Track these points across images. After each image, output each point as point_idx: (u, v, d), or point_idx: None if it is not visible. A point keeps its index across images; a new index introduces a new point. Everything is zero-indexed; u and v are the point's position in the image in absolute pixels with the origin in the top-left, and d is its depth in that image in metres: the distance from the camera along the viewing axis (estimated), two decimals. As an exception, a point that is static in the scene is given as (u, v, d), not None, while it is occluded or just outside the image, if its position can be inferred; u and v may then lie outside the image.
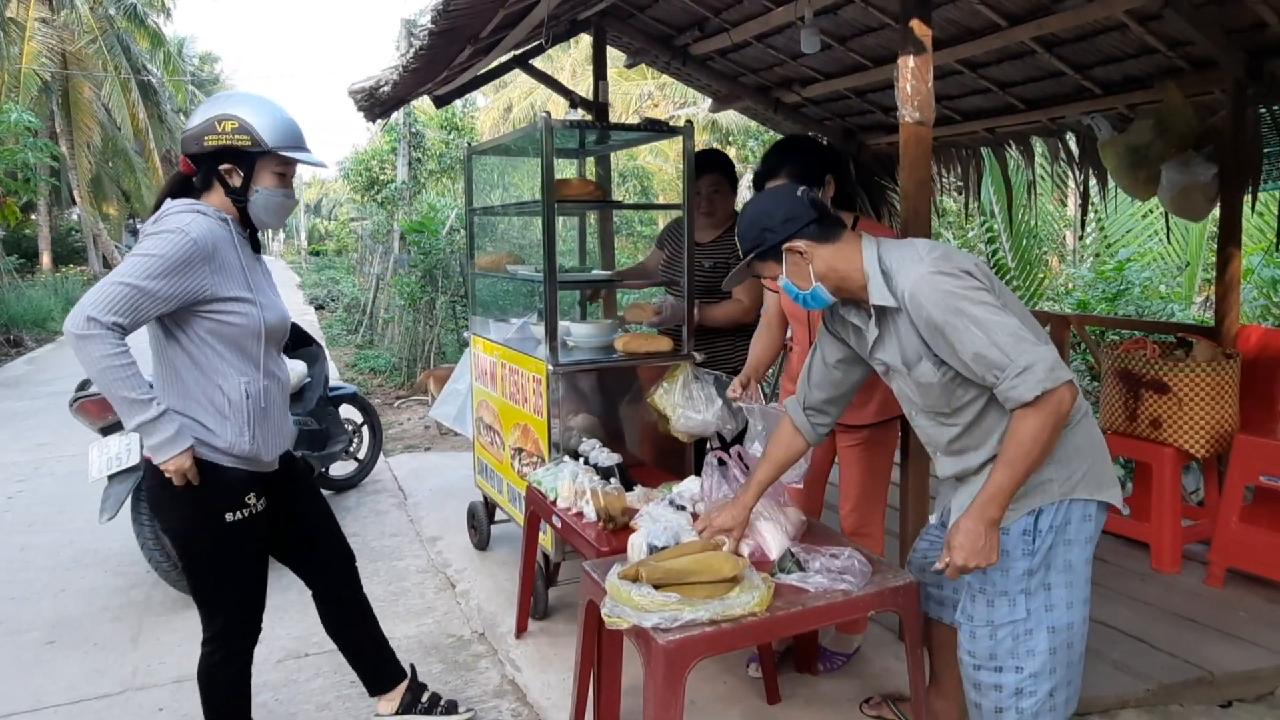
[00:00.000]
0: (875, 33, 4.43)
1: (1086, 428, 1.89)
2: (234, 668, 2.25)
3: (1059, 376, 1.71)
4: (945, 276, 1.80)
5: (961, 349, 1.78)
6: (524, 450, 3.34)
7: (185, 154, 2.11)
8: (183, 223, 1.99)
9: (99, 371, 1.90)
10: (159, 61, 23.62)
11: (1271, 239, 5.73)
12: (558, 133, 3.39)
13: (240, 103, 2.09)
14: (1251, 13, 3.33)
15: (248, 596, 2.24)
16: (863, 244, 1.97)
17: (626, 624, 1.94)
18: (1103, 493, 1.88)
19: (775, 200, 2.02)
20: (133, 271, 1.92)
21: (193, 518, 2.09)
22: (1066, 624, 1.88)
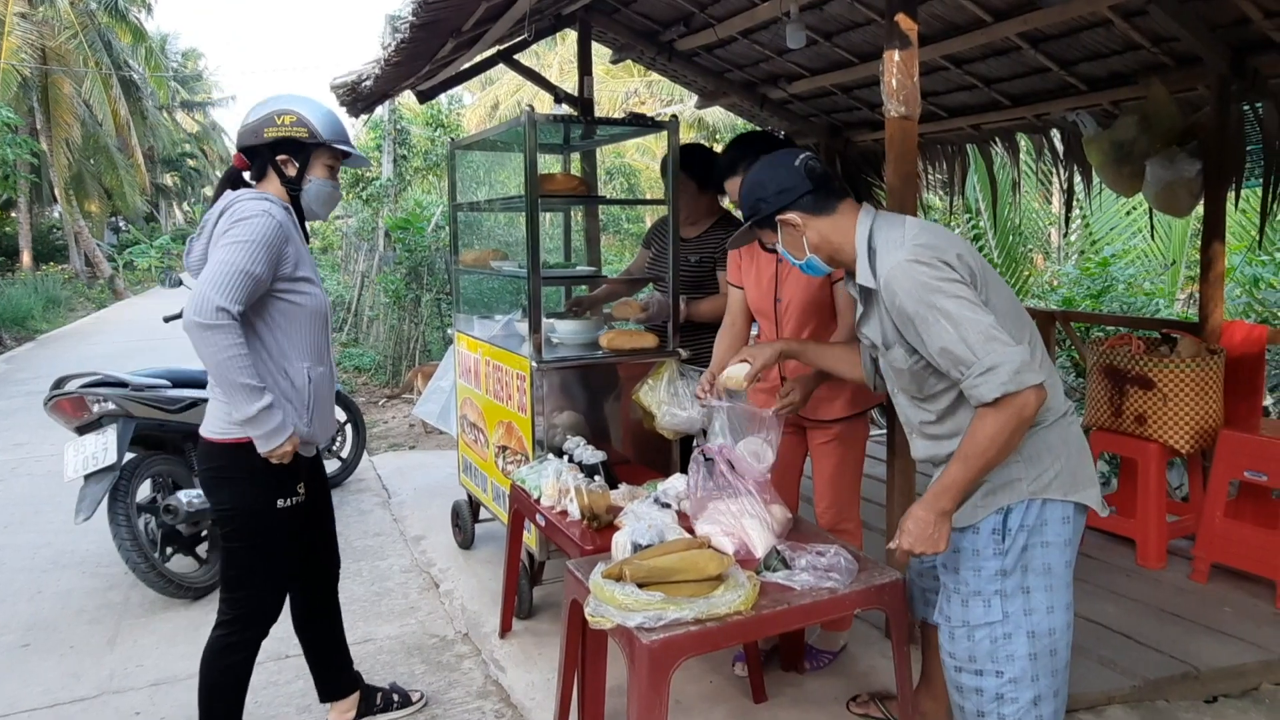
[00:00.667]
0: (861, 28, 4.42)
1: (1062, 428, 1.84)
2: (242, 654, 2.27)
3: (1024, 380, 1.66)
4: (922, 266, 1.75)
5: (930, 341, 1.75)
6: (508, 448, 3.31)
7: (240, 148, 2.21)
8: (263, 207, 2.10)
9: (224, 360, 1.98)
10: (141, 57, 23.36)
11: (1254, 236, 5.76)
12: (542, 128, 3.36)
13: (296, 100, 2.22)
14: (1235, 8, 3.34)
15: (278, 583, 2.30)
16: (860, 217, 1.93)
17: (610, 623, 1.91)
18: (1078, 494, 1.83)
19: (772, 169, 1.98)
20: (241, 259, 2.01)
21: (248, 501, 2.16)
22: (1048, 629, 1.83)
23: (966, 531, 1.85)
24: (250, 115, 2.21)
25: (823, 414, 2.71)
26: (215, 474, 2.18)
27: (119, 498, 3.30)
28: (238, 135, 2.23)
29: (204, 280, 2.00)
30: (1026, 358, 1.68)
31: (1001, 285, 1.88)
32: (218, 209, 2.14)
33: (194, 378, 3.86)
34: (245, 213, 2.08)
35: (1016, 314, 1.86)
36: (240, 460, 2.12)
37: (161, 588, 3.37)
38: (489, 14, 3.05)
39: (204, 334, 1.97)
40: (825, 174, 1.97)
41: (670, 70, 5.75)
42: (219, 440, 2.14)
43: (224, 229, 2.07)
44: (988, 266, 1.87)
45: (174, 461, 3.66)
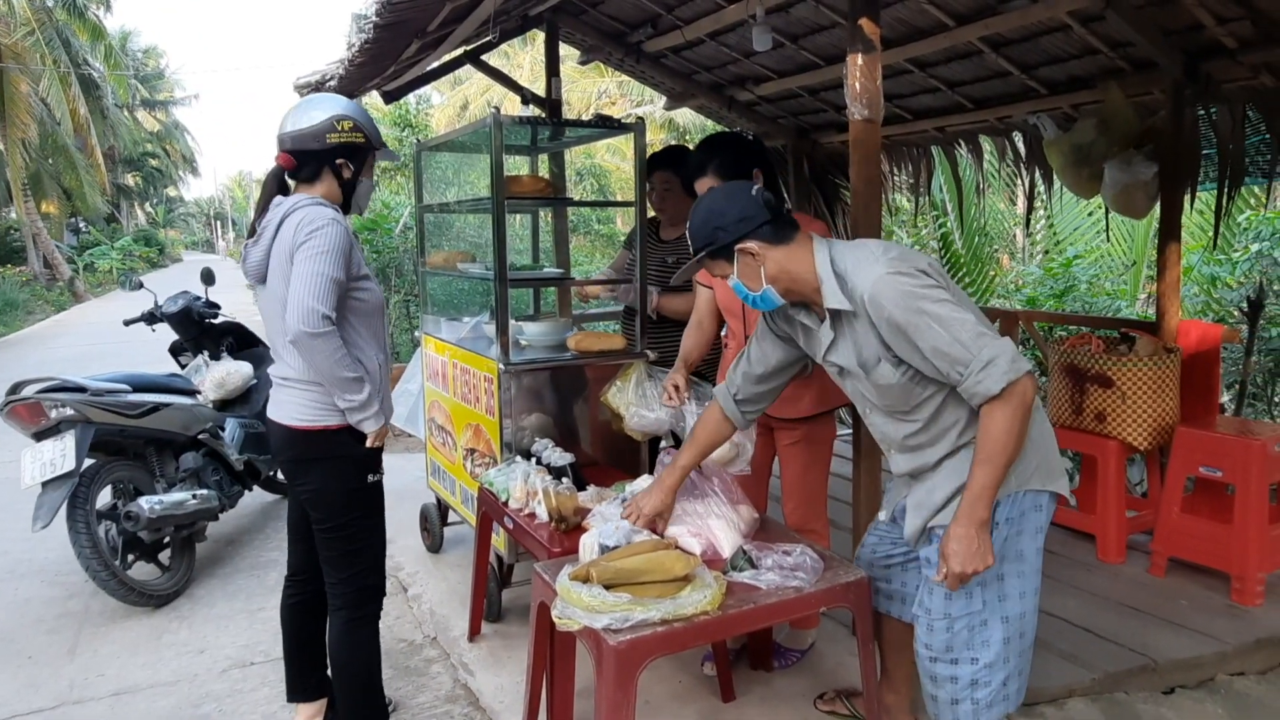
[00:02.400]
0: (826, 31, 4.46)
1: (1039, 419, 1.91)
2: (368, 629, 2.40)
3: (1020, 367, 1.74)
4: (903, 276, 1.80)
5: (924, 347, 1.79)
6: (476, 451, 3.29)
7: (294, 149, 2.27)
8: (329, 214, 2.21)
9: (334, 362, 2.15)
10: (100, 55, 22.90)
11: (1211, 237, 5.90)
12: (509, 129, 3.35)
13: (346, 105, 2.33)
14: (1188, 14, 3.41)
15: (382, 555, 2.44)
16: (814, 246, 1.96)
17: (577, 625, 1.91)
18: (1054, 483, 1.90)
19: (729, 198, 1.99)
20: (327, 267, 2.13)
21: (343, 480, 2.29)
22: (1019, 613, 1.90)
23: None
24: (301, 119, 2.26)
25: (789, 412, 2.72)
26: (302, 459, 2.29)
27: (78, 505, 3.24)
28: (289, 138, 2.26)
29: (301, 292, 2.11)
30: (1014, 347, 1.77)
31: (964, 296, 1.93)
32: (278, 217, 2.22)
33: (155, 382, 3.79)
34: (317, 222, 2.17)
35: (983, 320, 1.91)
36: (328, 444, 2.27)
37: (123, 596, 3.31)
38: (454, 15, 3.03)
39: (313, 342, 2.11)
40: (779, 206, 2.00)
41: (638, 72, 5.76)
42: (305, 427, 2.26)
43: (301, 240, 2.16)
44: (949, 279, 1.93)
45: (135, 467, 3.60)
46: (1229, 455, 3.30)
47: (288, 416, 2.28)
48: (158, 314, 4.34)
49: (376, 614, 2.42)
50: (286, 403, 2.29)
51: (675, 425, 3.13)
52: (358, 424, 2.26)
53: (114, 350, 10.47)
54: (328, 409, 2.26)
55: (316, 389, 2.25)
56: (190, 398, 3.92)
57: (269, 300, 2.28)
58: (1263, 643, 2.98)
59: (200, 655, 3.08)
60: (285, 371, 2.29)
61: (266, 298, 2.29)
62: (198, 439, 3.82)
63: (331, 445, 2.27)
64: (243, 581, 3.72)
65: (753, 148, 2.69)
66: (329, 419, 2.26)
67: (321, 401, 2.26)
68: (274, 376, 2.33)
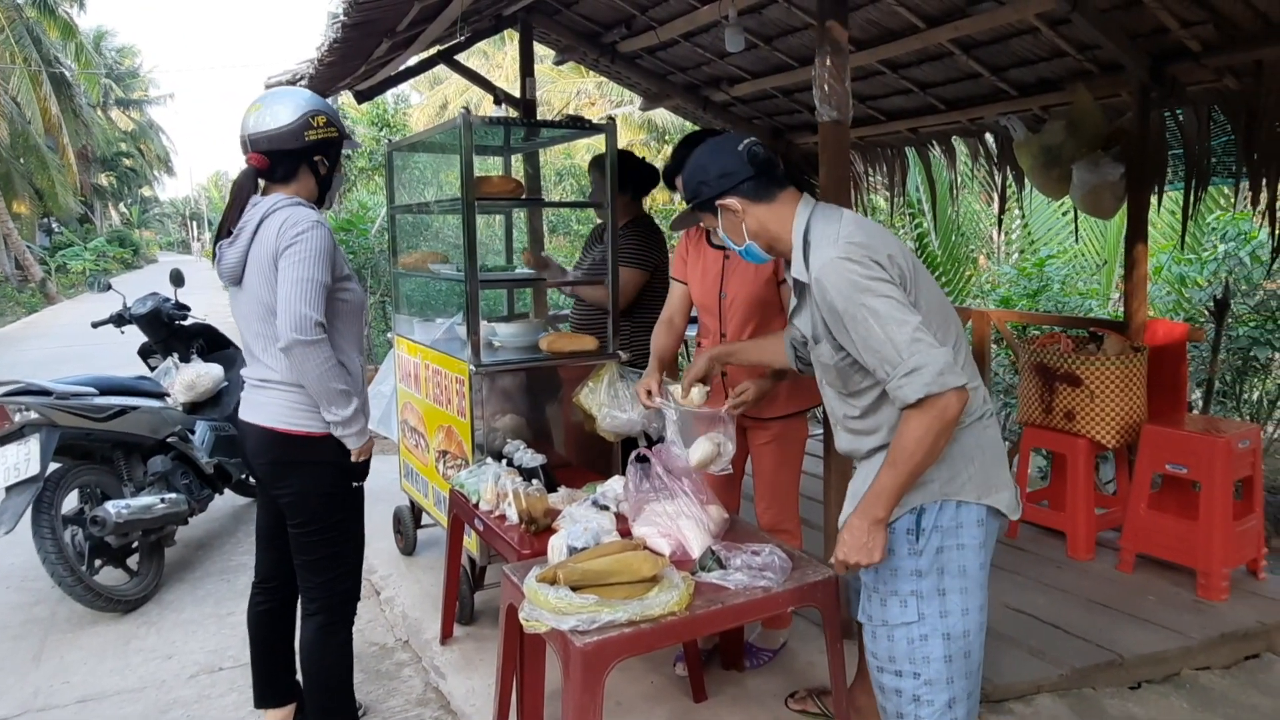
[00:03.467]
0: (799, 33, 4.48)
1: (977, 431, 1.84)
2: (344, 634, 2.37)
3: (946, 382, 1.67)
4: (853, 264, 1.75)
5: (857, 339, 1.76)
6: (448, 453, 3.28)
7: (271, 150, 2.20)
8: (312, 216, 2.18)
9: (324, 371, 2.13)
10: (71, 53, 22.58)
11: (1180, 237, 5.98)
12: (481, 130, 3.34)
13: (312, 99, 2.27)
14: (1153, 18, 3.46)
15: (360, 561, 2.43)
16: (798, 208, 1.92)
17: (544, 627, 1.91)
18: (991, 497, 1.82)
19: (715, 153, 1.97)
20: (314, 272, 2.11)
21: (328, 485, 2.27)
22: (962, 631, 1.83)
23: None
24: (270, 118, 2.20)
25: (763, 412, 2.72)
26: (282, 462, 2.25)
27: (43, 510, 3.18)
28: (265, 139, 2.20)
29: (293, 298, 2.09)
30: (950, 360, 1.69)
31: (931, 286, 1.89)
32: (256, 217, 2.17)
33: (122, 385, 3.74)
34: (301, 225, 2.14)
35: (944, 315, 1.87)
36: (311, 449, 2.24)
37: (90, 601, 3.26)
38: (423, 14, 3.02)
39: (307, 350, 2.09)
40: (768, 160, 1.95)
41: (614, 72, 5.77)
42: (288, 431, 2.22)
43: (286, 244, 2.12)
44: (920, 267, 1.88)
45: (102, 471, 3.55)
46: (1195, 453, 3.34)
47: (268, 419, 2.24)
48: (126, 316, 4.28)
49: (351, 619, 2.40)
50: (267, 405, 2.25)
51: (648, 426, 3.14)
52: (342, 438, 2.24)
53: (87, 352, 10.33)
54: (312, 413, 2.23)
55: (300, 391, 2.21)
56: (159, 400, 3.88)
57: (246, 302, 2.23)
58: (1227, 637, 3.02)
59: (168, 661, 3.04)
60: (264, 373, 2.25)
61: (243, 299, 2.25)
62: (166, 442, 3.77)
63: (315, 450, 2.25)
64: (212, 586, 3.68)
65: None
66: (313, 424, 2.23)
67: (306, 404, 2.22)
68: (250, 378, 2.29)
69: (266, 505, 2.44)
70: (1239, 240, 6.10)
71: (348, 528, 2.35)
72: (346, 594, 2.37)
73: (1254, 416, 5.87)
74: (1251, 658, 3.02)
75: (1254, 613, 3.17)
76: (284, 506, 2.32)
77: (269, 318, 2.18)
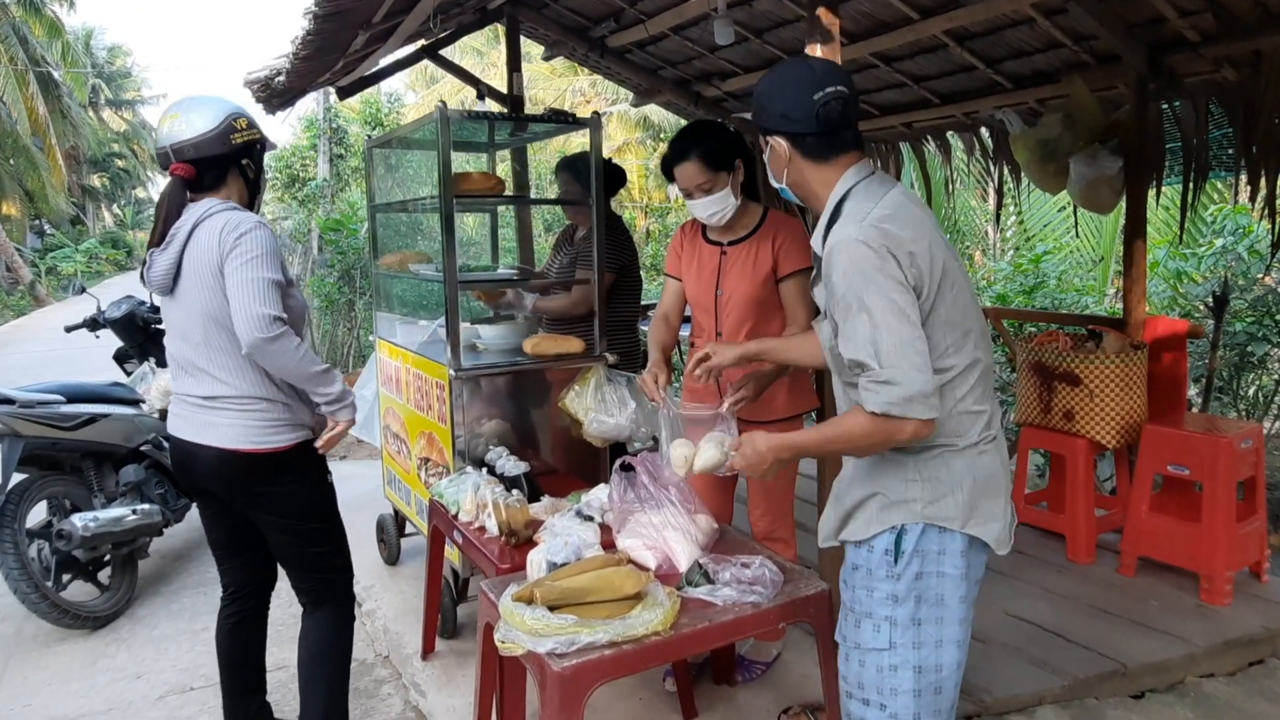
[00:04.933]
0: (790, 25, 4.38)
1: (971, 457, 1.69)
2: (352, 619, 2.39)
3: (911, 410, 1.54)
4: (869, 250, 1.59)
5: (843, 328, 1.63)
6: (430, 460, 3.17)
7: (196, 157, 2.13)
8: (251, 217, 2.12)
9: (297, 362, 2.09)
10: (57, 52, 22.38)
11: (1177, 232, 5.90)
12: (464, 125, 3.24)
13: (230, 104, 2.20)
14: (1150, 7, 3.37)
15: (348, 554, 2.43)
16: (847, 173, 1.73)
17: (520, 650, 1.81)
18: (975, 527, 1.69)
19: (792, 88, 1.73)
20: (266, 271, 2.05)
21: (311, 487, 2.27)
22: (935, 665, 1.70)
23: (861, 547, 1.74)
24: (193, 125, 2.13)
25: (758, 415, 2.61)
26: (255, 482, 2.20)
27: (6, 523, 3.07)
28: (191, 147, 2.12)
29: (247, 300, 2.03)
30: (927, 389, 1.56)
31: (961, 296, 1.68)
32: (189, 223, 2.10)
33: (92, 392, 3.63)
34: (242, 226, 2.08)
35: (963, 330, 1.68)
36: (283, 462, 2.19)
37: (56, 619, 3.15)
38: (399, 5, 2.91)
39: (271, 346, 2.04)
40: (840, 123, 1.73)
41: (603, 67, 5.66)
42: (253, 450, 2.16)
43: (229, 248, 2.06)
44: (952, 274, 1.67)
45: (71, 482, 3.43)
46: (1196, 453, 3.26)
47: (228, 440, 2.15)
48: (100, 320, 4.16)
49: (351, 607, 2.42)
50: (223, 425, 2.15)
51: (636, 431, 3.04)
52: (334, 414, 2.23)
53: (73, 356, 10.17)
54: (278, 426, 2.16)
55: (260, 406, 2.14)
56: (133, 407, 3.76)
57: (182, 313, 2.14)
58: (1231, 644, 2.94)
59: (137, 681, 2.94)
60: (213, 388, 2.15)
61: (177, 310, 2.15)
62: (140, 450, 3.66)
63: (288, 462, 2.20)
64: (188, 599, 3.58)
65: (737, 139, 2.60)
66: (282, 437, 2.17)
67: (269, 419, 2.16)
68: (192, 395, 2.19)
69: (217, 516, 2.34)
70: (1237, 235, 6.02)
71: (335, 520, 2.36)
72: (349, 584, 2.40)
73: (1250, 412, 5.80)
74: (1256, 664, 2.95)
75: (1259, 617, 3.08)
76: (266, 522, 2.25)
77: (212, 327, 2.10)
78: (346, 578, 2.41)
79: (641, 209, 19.01)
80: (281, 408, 2.17)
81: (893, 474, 1.69)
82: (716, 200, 2.49)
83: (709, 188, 2.48)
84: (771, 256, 2.55)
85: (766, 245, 2.56)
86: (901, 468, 1.68)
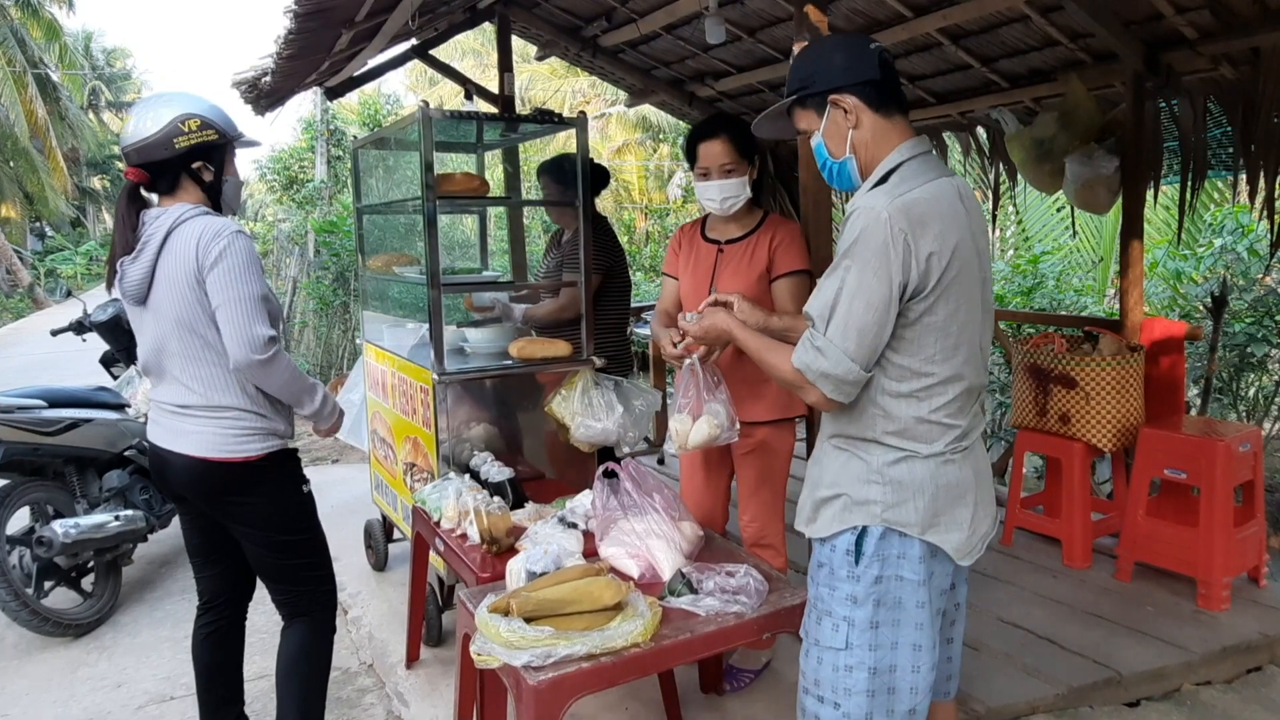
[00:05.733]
0: (783, 24, 4.34)
1: (934, 466, 1.65)
2: (331, 631, 2.35)
3: (821, 384, 1.60)
4: (882, 226, 1.53)
5: (821, 279, 1.63)
6: (415, 465, 3.13)
7: (143, 162, 2.07)
8: (229, 224, 2.07)
9: (289, 379, 2.12)
10: (56, 54, 22.36)
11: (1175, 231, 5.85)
12: (451, 126, 3.20)
13: (187, 101, 2.10)
14: (1147, 4, 3.32)
15: (329, 564, 2.38)
16: (902, 146, 1.64)
17: (497, 663, 1.77)
18: (935, 535, 1.65)
19: (841, 44, 1.72)
20: (252, 286, 2.03)
21: (286, 498, 2.22)
22: (889, 665, 1.68)
23: (825, 545, 1.72)
24: (141, 126, 2.06)
25: (746, 415, 2.55)
26: (228, 491, 2.16)
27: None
28: (135, 151, 2.06)
29: (240, 320, 2.01)
30: (848, 378, 1.57)
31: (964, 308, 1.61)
32: (161, 231, 2.04)
33: (76, 397, 3.58)
34: (221, 236, 2.03)
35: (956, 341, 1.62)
36: (256, 471, 2.15)
37: (36, 627, 3.10)
38: (382, 4, 2.87)
39: (263, 366, 2.04)
40: (895, 73, 1.67)
41: (597, 67, 5.62)
42: (226, 459, 2.11)
43: (209, 260, 2.01)
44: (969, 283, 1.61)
45: (53, 487, 3.38)
46: (1193, 457, 3.20)
47: (199, 448, 2.11)
48: (86, 323, 4.12)
49: (333, 617, 2.37)
50: (194, 433, 2.11)
51: (623, 436, 3.00)
52: (316, 422, 2.27)
53: (67, 359, 10.15)
54: (247, 435, 2.12)
55: (231, 415, 2.10)
56: (118, 412, 3.72)
57: (156, 321, 2.09)
58: (1228, 650, 2.89)
59: (117, 690, 2.89)
60: (184, 397, 2.11)
61: (150, 318, 2.11)
62: (124, 455, 3.61)
63: (261, 471, 2.16)
64: (172, 606, 3.53)
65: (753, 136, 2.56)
66: (252, 446, 2.13)
67: (240, 428, 2.11)
68: (166, 403, 2.15)
69: (194, 523, 2.30)
70: (1236, 234, 5.97)
71: (313, 530, 2.30)
72: (329, 594, 2.35)
73: (1250, 414, 5.75)
74: (1254, 671, 2.90)
75: (1256, 623, 3.03)
76: (241, 533, 2.20)
77: (186, 335, 2.06)
78: (326, 590, 2.34)
79: (641, 210, 18.96)
80: (254, 416, 2.13)
81: (856, 474, 1.67)
82: (733, 185, 2.49)
83: (730, 170, 2.48)
84: (768, 256, 2.52)
85: (764, 245, 2.54)
86: (864, 468, 1.66)
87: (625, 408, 2.97)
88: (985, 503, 1.74)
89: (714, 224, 2.65)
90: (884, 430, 1.64)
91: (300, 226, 13.09)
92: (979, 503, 1.71)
